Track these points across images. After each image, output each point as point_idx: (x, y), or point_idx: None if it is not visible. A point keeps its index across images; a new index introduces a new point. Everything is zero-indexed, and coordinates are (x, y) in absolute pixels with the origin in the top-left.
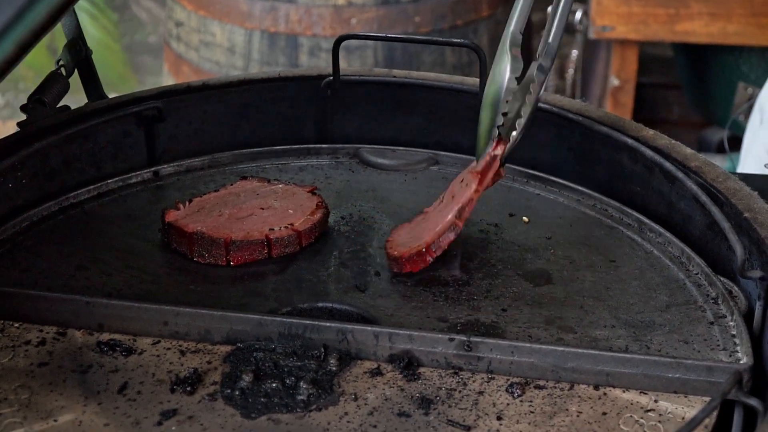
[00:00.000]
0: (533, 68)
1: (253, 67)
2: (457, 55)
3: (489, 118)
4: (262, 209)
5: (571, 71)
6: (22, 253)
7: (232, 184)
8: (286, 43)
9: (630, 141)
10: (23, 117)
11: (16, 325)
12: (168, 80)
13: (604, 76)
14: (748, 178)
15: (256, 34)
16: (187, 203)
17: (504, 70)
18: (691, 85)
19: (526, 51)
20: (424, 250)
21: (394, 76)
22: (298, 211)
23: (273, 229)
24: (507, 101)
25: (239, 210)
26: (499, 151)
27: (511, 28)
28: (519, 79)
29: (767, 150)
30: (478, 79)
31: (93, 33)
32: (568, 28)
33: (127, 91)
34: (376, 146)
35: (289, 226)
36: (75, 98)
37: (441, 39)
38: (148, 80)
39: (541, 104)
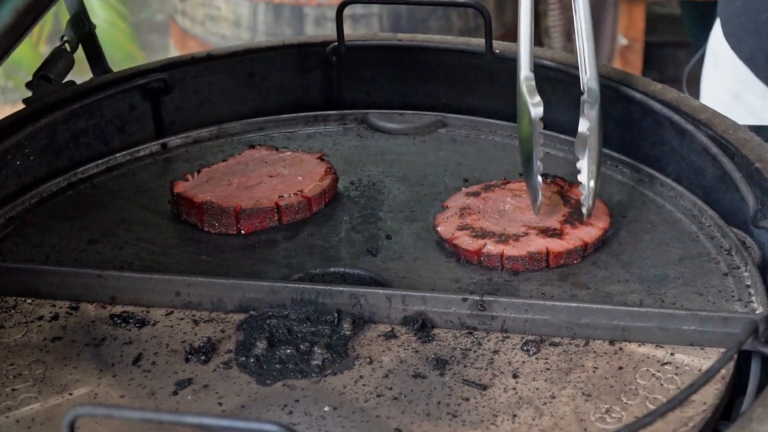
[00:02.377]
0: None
1: (259, 39)
2: (464, 20)
3: (529, 172)
4: (271, 177)
5: None
6: (32, 229)
7: (240, 154)
8: (291, 13)
9: (638, 95)
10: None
11: (29, 301)
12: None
13: (612, 35)
14: (759, 130)
15: (260, 6)
16: (196, 174)
17: (530, 119)
18: (701, 42)
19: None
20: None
21: (399, 40)
22: (306, 178)
23: (282, 196)
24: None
25: (248, 179)
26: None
27: (522, 73)
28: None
29: (727, 93)
30: (483, 40)
31: (100, 12)
32: None
33: None
34: (383, 111)
35: (299, 193)
36: (81, 75)
37: (447, 0)
38: (156, 58)
39: (548, 62)
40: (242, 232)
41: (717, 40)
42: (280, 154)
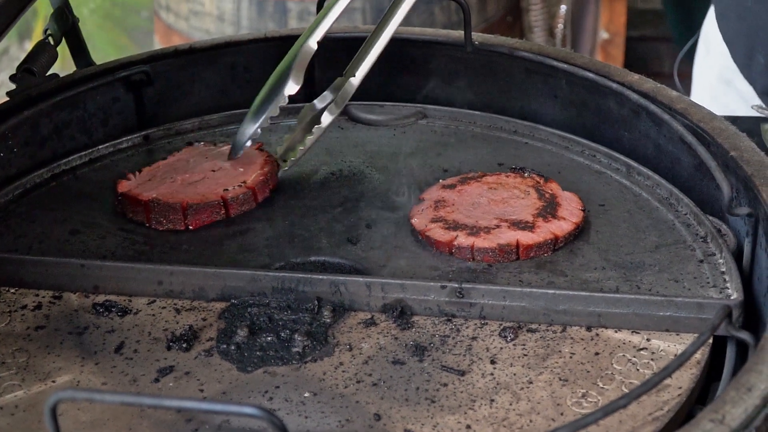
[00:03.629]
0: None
1: (243, 33)
2: (447, 14)
3: (249, 128)
4: (213, 171)
5: (560, 26)
6: (15, 220)
7: (178, 152)
8: (274, 8)
9: (615, 86)
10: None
11: (12, 290)
12: None
13: (593, 30)
14: (735, 120)
15: (244, 1)
16: (137, 173)
17: (281, 89)
18: (682, 35)
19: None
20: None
21: None
22: (248, 169)
23: (227, 189)
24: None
25: (191, 175)
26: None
27: (308, 39)
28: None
29: (718, 79)
30: (463, 32)
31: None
32: None
33: None
34: (364, 102)
35: (243, 184)
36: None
37: None
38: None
39: (525, 53)
40: (190, 227)
41: (709, 27)
42: (219, 149)
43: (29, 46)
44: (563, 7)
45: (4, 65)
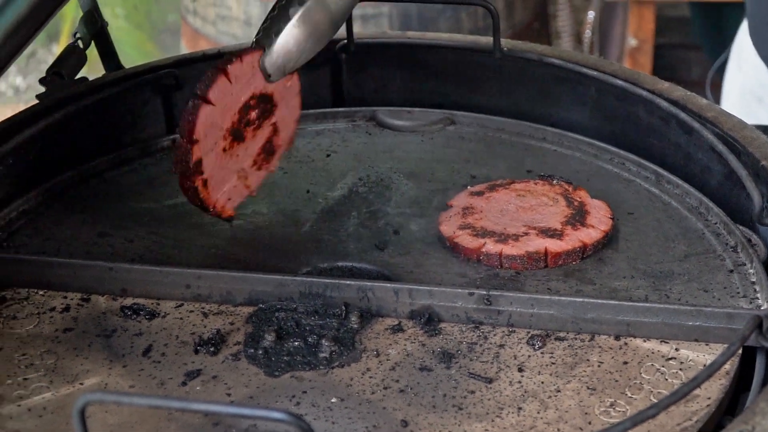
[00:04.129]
0: None
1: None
2: (473, 20)
3: None
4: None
5: (588, 33)
6: (44, 223)
7: None
8: None
9: (645, 93)
10: None
11: (41, 292)
12: None
13: (621, 36)
14: (766, 130)
15: (271, 6)
16: None
17: None
18: (710, 44)
19: None
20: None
21: (408, 38)
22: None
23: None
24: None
25: None
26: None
27: None
28: None
29: (750, 95)
30: (492, 39)
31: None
32: None
33: None
34: (392, 108)
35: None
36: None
37: None
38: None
39: (554, 60)
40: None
41: (742, 41)
42: None
43: (57, 49)
44: (591, 14)
45: (32, 68)
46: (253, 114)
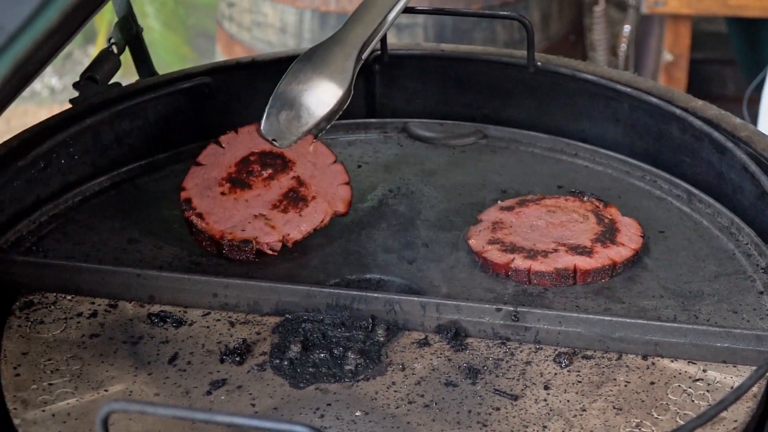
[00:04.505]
0: None
1: (305, 46)
2: (509, 32)
3: None
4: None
5: (623, 47)
6: (74, 227)
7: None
8: (337, 21)
9: (679, 111)
10: None
11: (69, 297)
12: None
13: (657, 51)
14: None
15: (307, 13)
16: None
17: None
18: (746, 60)
19: None
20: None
21: (442, 50)
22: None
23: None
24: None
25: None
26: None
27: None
28: None
29: None
30: (525, 52)
31: (154, 13)
32: (620, 4)
33: None
34: (424, 120)
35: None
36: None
37: (487, 12)
38: (204, 62)
39: (588, 76)
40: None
41: None
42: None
43: (93, 50)
44: (627, 28)
45: (68, 69)
46: (256, 167)
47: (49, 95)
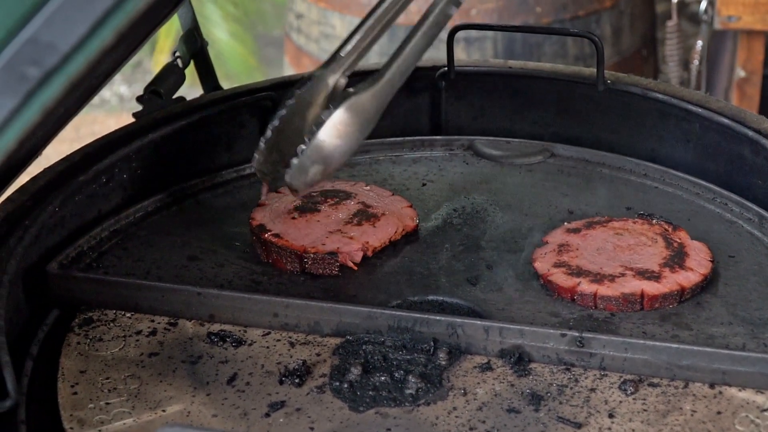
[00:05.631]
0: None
1: (372, 59)
2: (579, 46)
3: None
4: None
5: (696, 62)
6: (134, 243)
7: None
8: (404, 33)
9: (751, 133)
10: None
11: (128, 314)
12: (288, 72)
13: (730, 67)
14: None
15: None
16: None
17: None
18: None
19: None
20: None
21: (510, 67)
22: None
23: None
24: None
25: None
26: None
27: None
28: None
29: None
30: (595, 70)
31: (222, 24)
32: (694, 18)
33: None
34: (490, 138)
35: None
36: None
37: (557, 28)
38: (271, 72)
39: (658, 95)
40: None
41: None
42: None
43: (163, 58)
44: (699, 43)
45: (138, 77)
46: (321, 199)
47: (117, 103)
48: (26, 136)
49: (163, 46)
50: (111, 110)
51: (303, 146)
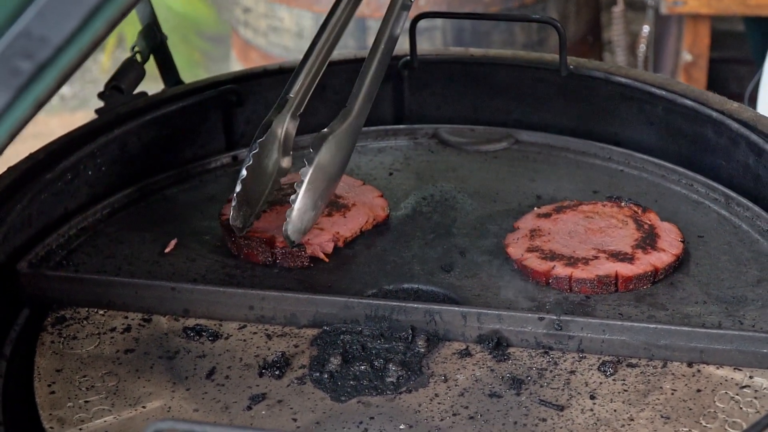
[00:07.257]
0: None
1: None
2: (527, 34)
3: None
4: None
5: (642, 47)
6: (104, 240)
7: None
8: (354, 26)
9: (715, 114)
10: (92, 108)
11: (101, 312)
12: (236, 66)
13: (676, 51)
14: None
15: (323, 18)
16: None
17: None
18: (763, 59)
19: None
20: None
21: (472, 55)
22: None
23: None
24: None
25: None
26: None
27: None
28: None
29: None
30: (557, 56)
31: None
32: (636, 5)
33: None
34: (454, 126)
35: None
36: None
37: (519, 15)
38: (213, 67)
39: (621, 79)
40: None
41: None
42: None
43: (102, 57)
44: (645, 28)
45: (77, 76)
46: (290, 191)
47: (59, 103)
48: (18, 130)
49: (105, 44)
50: (52, 111)
51: (294, 197)
